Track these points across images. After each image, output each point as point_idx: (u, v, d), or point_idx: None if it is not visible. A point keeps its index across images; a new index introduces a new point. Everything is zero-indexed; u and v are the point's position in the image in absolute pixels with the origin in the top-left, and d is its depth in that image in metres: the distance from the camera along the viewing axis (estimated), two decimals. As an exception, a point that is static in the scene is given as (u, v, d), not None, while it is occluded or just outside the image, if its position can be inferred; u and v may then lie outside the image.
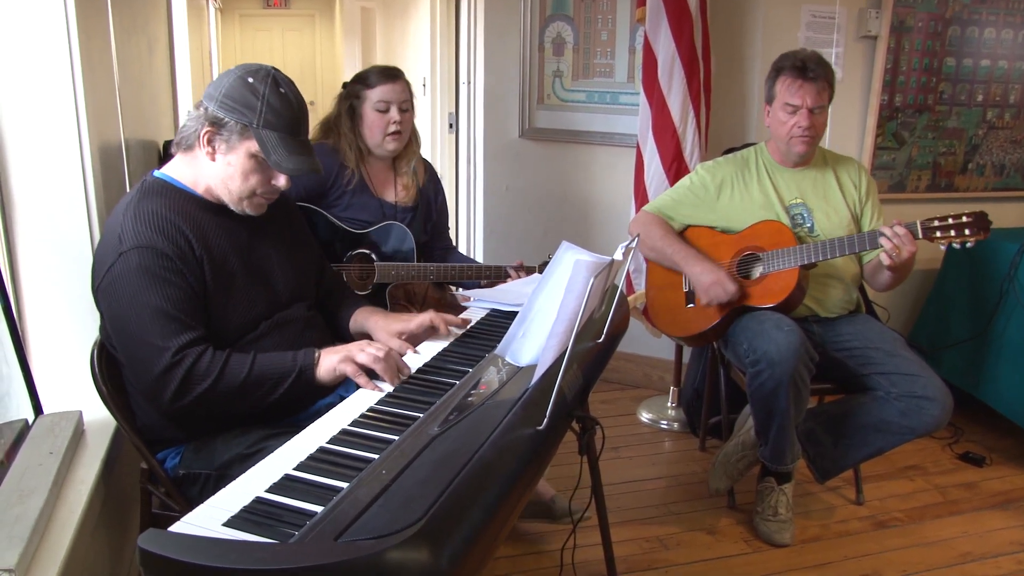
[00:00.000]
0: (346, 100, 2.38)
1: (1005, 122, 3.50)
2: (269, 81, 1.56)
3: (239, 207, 1.64)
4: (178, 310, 1.50)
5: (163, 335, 1.48)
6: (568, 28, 3.42)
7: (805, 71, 2.35)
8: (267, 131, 1.55)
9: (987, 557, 2.40)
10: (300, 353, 1.58)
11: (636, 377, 3.61)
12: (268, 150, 1.55)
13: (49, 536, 1.42)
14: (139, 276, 1.49)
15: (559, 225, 3.58)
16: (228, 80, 1.57)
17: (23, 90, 1.72)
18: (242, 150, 1.57)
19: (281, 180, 1.62)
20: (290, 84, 1.61)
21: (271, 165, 1.57)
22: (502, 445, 1.18)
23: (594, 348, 1.69)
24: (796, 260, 2.35)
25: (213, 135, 1.56)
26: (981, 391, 3.03)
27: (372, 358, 1.53)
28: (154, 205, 1.56)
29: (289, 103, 1.58)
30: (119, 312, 1.52)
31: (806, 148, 2.43)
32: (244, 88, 1.55)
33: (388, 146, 2.37)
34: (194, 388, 1.49)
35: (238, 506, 1.08)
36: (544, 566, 2.29)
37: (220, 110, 1.55)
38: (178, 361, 1.48)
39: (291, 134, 1.58)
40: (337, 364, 1.55)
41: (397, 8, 5.53)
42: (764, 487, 2.48)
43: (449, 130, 4.13)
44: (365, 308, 1.92)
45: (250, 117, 1.54)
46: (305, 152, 1.60)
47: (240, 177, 1.59)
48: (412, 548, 0.91)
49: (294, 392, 1.57)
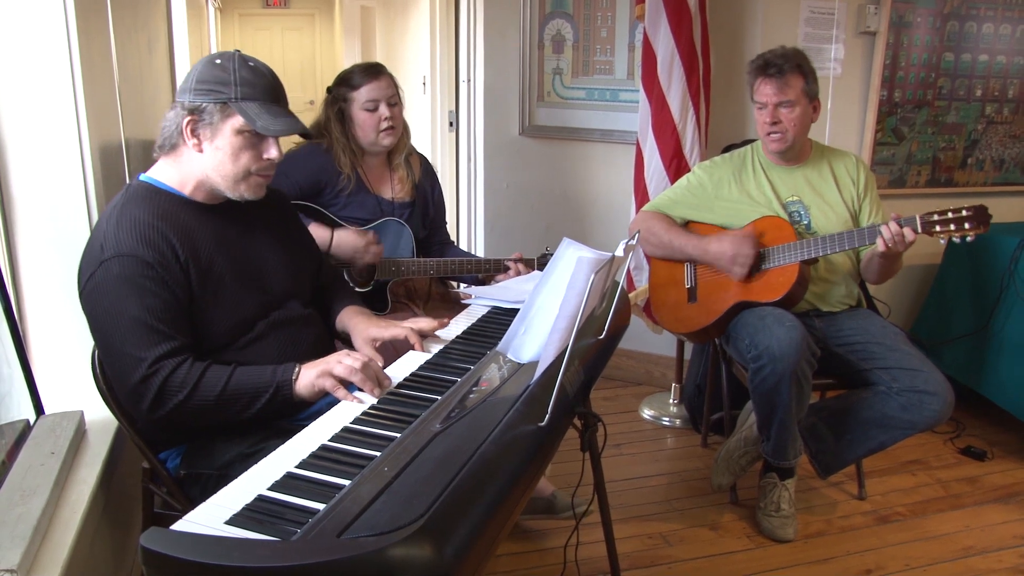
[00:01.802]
0: (333, 105, 2.36)
1: (1004, 117, 3.50)
2: (236, 58, 1.57)
3: (236, 192, 1.61)
4: (157, 320, 1.48)
5: (141, 346, 1.46)
6: (568, 25, 3.41)
7: (766, 68, 2.38)
8: (247, 102, 1.54)
9: (989, 551, 2.40)
10: (280, 368, 1.54)
11: (638, 374, 3.61)
12: (252, 118, 1.53)
13: (51, 536, 1.42)
14: (119, 285, 1.48)
15: (559, 222, 3.58)
16: (196, 69, 1.57)
17: (23, 89, 1.71)
18: (227, 129, 1.55)
19: (272, 151, 1.60)
20: (257, 61, 1.61)
21: (259, 130, 1.54)
22: (504, 442, 1.18)
23: (595, 345, 1.69)
24: (797, 255, 2.35)
25: (195, 123, 1.55)
26: (982, 386, 3.03)
27: (349, 370, 1.48)
28: (138, 211, 1.54)
29: (261, 73, 1.58)
30: (100, 320, 1.51)
31: (779, 146, 2.44)
32: (214, 69, 1.55)
33: (383, 142, 2.36)
34: (169, 400, 1.47)
35: (240, 504, 1.08)
36: (547, 563, 2.29)
37: (196, 97, 1.54)
38: (154, 372, 1.46)
39: (270, 101, 1.57)
40: (315, 379, 1.51)
41: (397, 7, 5.53)
42: (766, 483, 2.48)
43: (449, 128, 4.12)
44: (351, 308, 1.90)
45: (227, 93, 1.53)
46: (289, 115, 1.59)
47: (231, 158, 1.57)
48: (415, 545, 0.91)
49: (273, 408, 1.53)
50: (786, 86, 2.36)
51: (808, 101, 2.40)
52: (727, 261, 2.43)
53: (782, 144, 2.43)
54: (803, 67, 2.39)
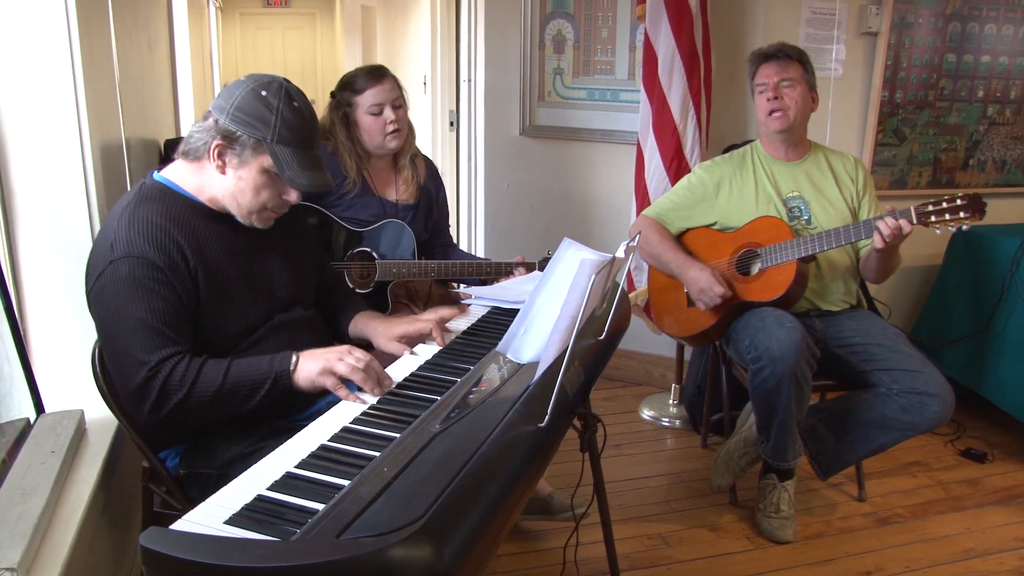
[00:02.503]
0: (338, 110, 2.35)
1: (1006, 118, 3.50)
2: (282, 95, 1.55)
3: (247, 220, 1.63)
4: (162, 323, 1.48)
5: (144, 348, 1.46)
6: (568, 25, 3.41)
7: (765, 54, 2.47)
8: (281, 146, 1.53)
9: (989, 553, 2.40)
10: (277, 357, 1.54)
11: (638, 374, 3.61)
12: (283, 166, 1.53)
13: (51, 535, 1.42)
14: (127, 286, 1.47)
15: (560, 222, 3.58)
16: (240, 92, 1.54)
17: (24, 89, 1.72)
18: (255, 165, 1.55)
19: (293, 195, 1.61)
20: (301, 96, 1.60)
21: (285, 181, 1.55)
22: (504, 442, 1.18)
23: (595, 345, 1.69)
24: (793, 253, 2.35)
25: (224, 149, 1.54)
26: (983, 387, 3.03)
27: (351, 368, 1.48)
28: (150, 212, 1.54)
29: (303, 117, 1.57)
30: (106, 320, 1.51)
31: (780, 124, 2.45)
32: (257, 102, 1.52)
33: (390, 144, 2.36)
34: (170, 399, 1.47)
35: (239, 504, 1.08)
36: (546, 564, 2.29)
37: (232, 123, 1.52)
38: (154, 374, 1.46)
39: (304, 148, 1.57)
40: (316, 376, 1.51)
41: (398, 6, 5.53)
42: (766, 484, 2.48)
43: (450, 128, 4.13)
44: (365, 313, 1.91)
45: (264, 132, 1.52)
46: (317, 167, 1.59)
47: (252, 192, 1.58)
48: (414, 545, 0.91)
49: (273, 398, 1.53)
50: (787, 67, 2.43)
51: (807, 88, 2.45)
52: (696, 292, 2.46)
53: (784, 122, 2.44)
54: (802, 59, 2.47)
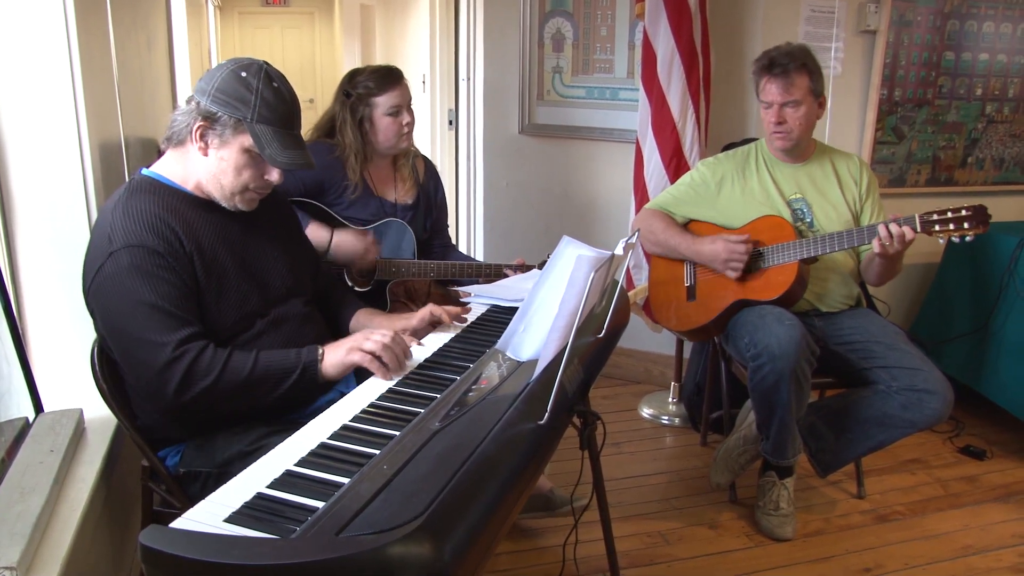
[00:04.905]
0: (354, 111, 2.33)
1: (1004, 116, 3.50)
2: (262, 75, 1.56)
3: (231, 203, 1.63)
4: (174, 306, 1.49)
5: (161, 331, 1.47)
6: (567, 24, 3.41)
7: (771, 68, 2.38)
8: (261, 125, 1.54)
9: (988, 550, 2.40)
10: (304, 350, 1.58)
11: (637, 372, 3.61)
12: (263, 144, 1.54)
13: (50, 534, 1.42)
14: (131, 275, 1.48)
15: (559, 221, 3.58)
16: (220, 74, 1.56)
17: (23, 88, 1.71)
18: (235, 144, 1.56)
19: (274, 175, 1.62)
20: (282, 78, 1.61)
21: (266, 159, 1.56)
22: (503, 440, 1.18)
23: (595, 343, 1.69)
24: (796, 254, 2.35)
25: (206, 130, 1.56)
26: (982, 385, 3.03)
27: (379, 345, 1.53)
28: (143, 203, 1.55)
29: (283, 97, 1.58)
30: (113, 313, 1.51)
31: (784, 144, 2.44)
32: (237, 82, 1.54)
33: (402, 145, 2.39)
34: (196, 384, 1.48)
35: (239, 502, 1.08)
36: (546, 561, 2.29)
37: (213, 104, 1.54)
38: (179, 356, 1.47)
39: (285, 128, 1.57)
40: (344, 356, 1.55)
41: (396, 5, 5.53)
42: (765, 481, 2.48)
43: (449, 126, 4.12)
44: (367, 310, 1.93)
45: (244, 111, 1.53)
46: (299, 146, 1.60)
47: (233, 172, 1.59)
48: (414, 543, 0.91)
49: (298, 389, 1.56)
50: (791, 85, 2.36)
51: (814, 99, 2.40)
52: (720, 264, 2.44)
53: (787, 143, 2.44)
54: (808, 65, 2.38)
